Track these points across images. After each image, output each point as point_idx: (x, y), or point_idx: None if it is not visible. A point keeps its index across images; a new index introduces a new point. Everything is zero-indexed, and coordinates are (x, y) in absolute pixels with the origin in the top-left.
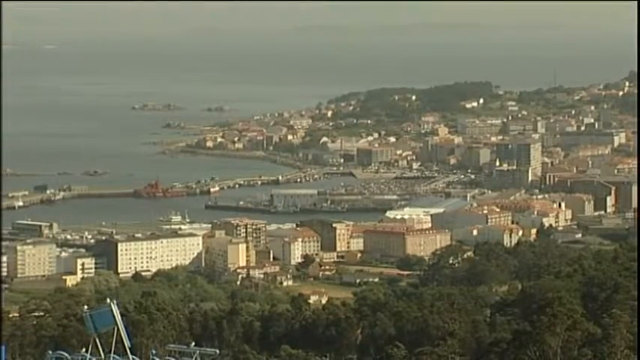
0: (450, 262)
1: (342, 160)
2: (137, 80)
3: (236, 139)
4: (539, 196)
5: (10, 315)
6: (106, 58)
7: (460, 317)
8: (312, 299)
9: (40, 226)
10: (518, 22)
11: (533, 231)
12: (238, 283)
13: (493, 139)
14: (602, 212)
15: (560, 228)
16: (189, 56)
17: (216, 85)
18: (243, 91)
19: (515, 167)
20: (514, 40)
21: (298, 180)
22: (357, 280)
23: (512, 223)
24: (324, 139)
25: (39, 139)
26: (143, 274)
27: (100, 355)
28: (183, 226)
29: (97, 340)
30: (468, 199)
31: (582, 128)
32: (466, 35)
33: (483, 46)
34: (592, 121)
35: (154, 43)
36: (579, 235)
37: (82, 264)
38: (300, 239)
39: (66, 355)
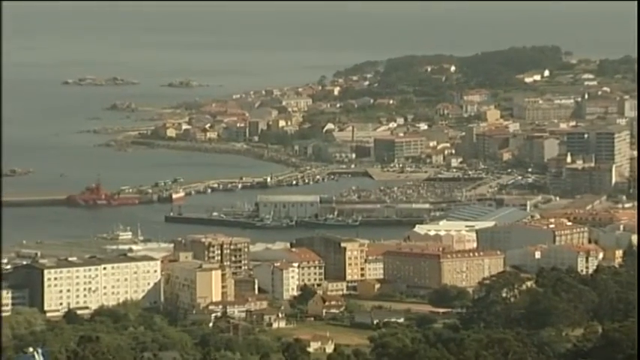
0: (504, 295)
1: (353, 156)
2: (71, 44)
3: (208, 126)
4: (627, 205)
5: None
6: (28, 12)
7: None
8: (313, 347)
9: None
10: None
11: (618, 253)
12: (211, 324)
13: (563, 125)
14: None
15: None
16: (144, 12)
17: (180, 50)
18: (217, 59)
19: (593, 165)
20: None
21: (294, 182)
22: (375, 321)
23: (590, 242)
24: (329, 126)
25: None
26: (79, 312)
27: None
28: (134, 246)
29: None
30: (528, 208)
31: None
32: None
33: None
34: None
35: None
36: None
37: None
38: (296, 264)
39: None
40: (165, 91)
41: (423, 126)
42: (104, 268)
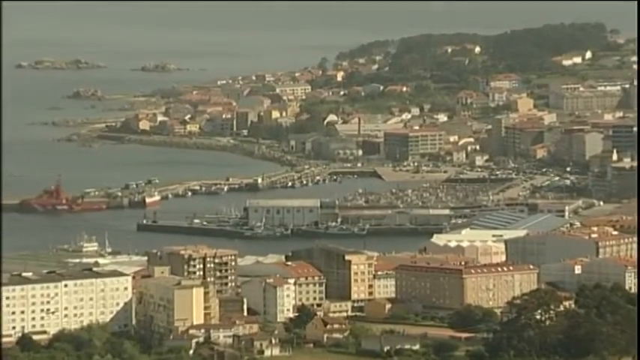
0: (538, 317)
1: (360, 152)
2: (26, 20)
3: (188, 117)
4: None
5: None
6: None
7: None
8: None
9: None
10: None
11: None
12: (191, 352)
13: (607, 117)
14: None
15: None
16: None
17: (155, 28)
18: (199, 38)
19: None
20: None
21: (289, 184)
22: (386, 348)
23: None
24: (332, 117)
25: None
26: (36, 337)
27: None
28: (101, 260)
29: None
30: (567, 214)
31: None
32: None
33: None
34: None
35: None
36: None
37: None
38: (292, 280)
39: None
40: (138, 75)
41: (442, 117)
42: (65, 286)
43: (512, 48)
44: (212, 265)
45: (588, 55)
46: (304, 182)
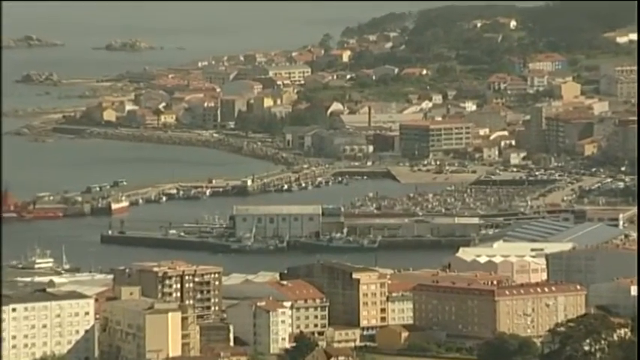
0: (586, 348)
1: (370, 149)
2: None
3: (162, 105)
4: None
5: None
6: None
7: None
8: None
9: None
10: None
11: None
12: None
13: None
14: None
15: None
16: None
17: None
18: (175, 10)
19: None
20: None
21: (285, 187)
22: None
23: None
24: (336, 106)
25: None
26: None
27: None
28: (57, 278)
29: None
30: (621, 224)
31: None
32: None
33: None
34: None
35: None
36: None
37: None
38: (288, 303)
39: None
40: (101, 56)
41: (471, 106)
42: (13, 310)
43: (556, 22)
44: (191, 285)
45: None
46: (303, 185)
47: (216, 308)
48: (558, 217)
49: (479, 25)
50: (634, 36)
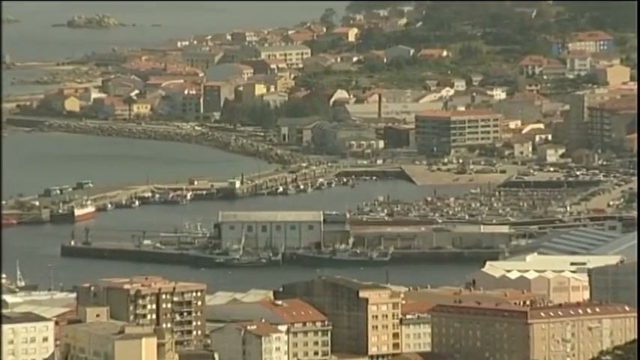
0: None
1: (380, 144)
2: None
3: (135, 93)
4: None
5: None
6: None
7: None
8: None
9: None
10: None
11: None
12: None
13: None
14: None
15: None
16: None
17: None
18: None
19: None
20: None
21: (280, 189)
22: None
23: None
24: (340, 93)
25: None
26: None
27: None
28: (10, 298)
29: None
30: None
31: None
32: None
33: None
34: None
35: None
36: None
37: None
38: (284, 327)
39: None
40: (63, 34)
41: (499, 94)
42: None
43: None
44: (169, 306)
45: None
46: (301, 187)
47: (199, 333)
48: (603, 226)
49: None
50: None
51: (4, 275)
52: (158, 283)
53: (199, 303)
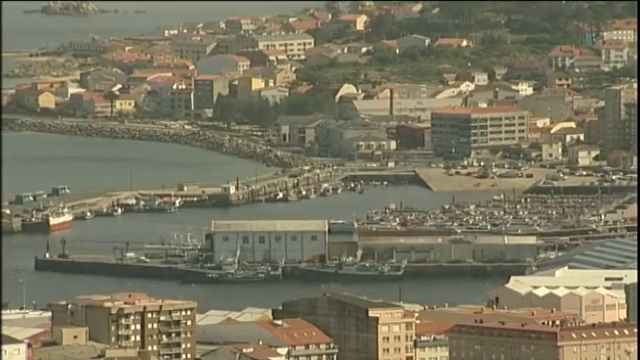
0: None
1: (392, 145)
2: None
3: (118, 88)
4: None
5: None
6: None
7: None
8: None
9: None
10: None
11: None
12: None
13: None
14: None
15: None
16: None
17: None
18: None
19: None
20: None
21: (280, 195)
22: None
23: None
24: (347, 88)
25: None
26: None
27: None
28: None
29: None
30: None
31: None
32: None
33: None
34: None
35: None
36: None
37: None
38: (284, 349)
39: None
40: (37, 21)
41: (526, 89)
42: None
43: None
44: (156, 326)
45: None
46: (304, 192)
47: (189, 356)
48: None
49: None
50: None
51: None
52: (143, 300)
53: (189, 323)
